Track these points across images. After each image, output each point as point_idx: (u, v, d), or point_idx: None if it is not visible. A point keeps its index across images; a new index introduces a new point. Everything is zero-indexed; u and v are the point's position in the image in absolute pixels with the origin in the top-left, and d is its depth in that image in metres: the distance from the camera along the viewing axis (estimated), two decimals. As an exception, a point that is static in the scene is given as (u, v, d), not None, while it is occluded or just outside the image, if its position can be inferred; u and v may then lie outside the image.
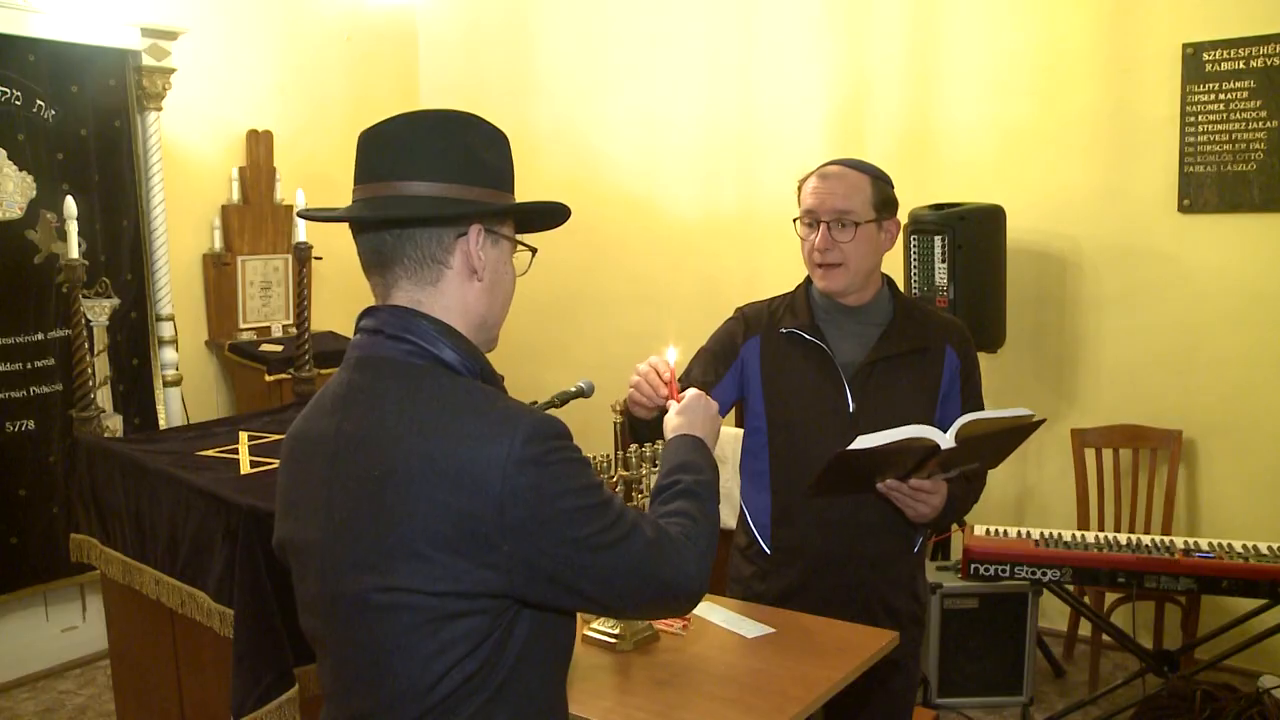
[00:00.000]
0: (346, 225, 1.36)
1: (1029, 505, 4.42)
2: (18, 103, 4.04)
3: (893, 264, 2.82)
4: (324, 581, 1.30)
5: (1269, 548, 3.07)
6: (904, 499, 2.07)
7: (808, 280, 2.31)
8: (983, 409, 2.20)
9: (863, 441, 1.90)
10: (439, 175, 1.32)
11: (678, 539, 1.35)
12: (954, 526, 3.71)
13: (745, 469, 2.34)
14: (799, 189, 2.25)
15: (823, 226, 2.16)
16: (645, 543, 1.29)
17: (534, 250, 1.44)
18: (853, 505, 2.16)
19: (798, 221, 2.23)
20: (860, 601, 2.21)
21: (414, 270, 1.32)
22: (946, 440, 1.94)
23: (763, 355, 2.26)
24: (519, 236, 1.42)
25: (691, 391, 1.72)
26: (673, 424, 1.66)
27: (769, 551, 2.26)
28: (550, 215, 1.44)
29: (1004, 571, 3.13)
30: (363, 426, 1.28)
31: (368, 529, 1.24)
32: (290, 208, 5.22)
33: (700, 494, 1.47)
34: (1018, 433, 2.09)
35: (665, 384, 1.88)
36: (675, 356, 1.91)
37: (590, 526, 1.24)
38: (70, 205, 3.52)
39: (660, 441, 1.99)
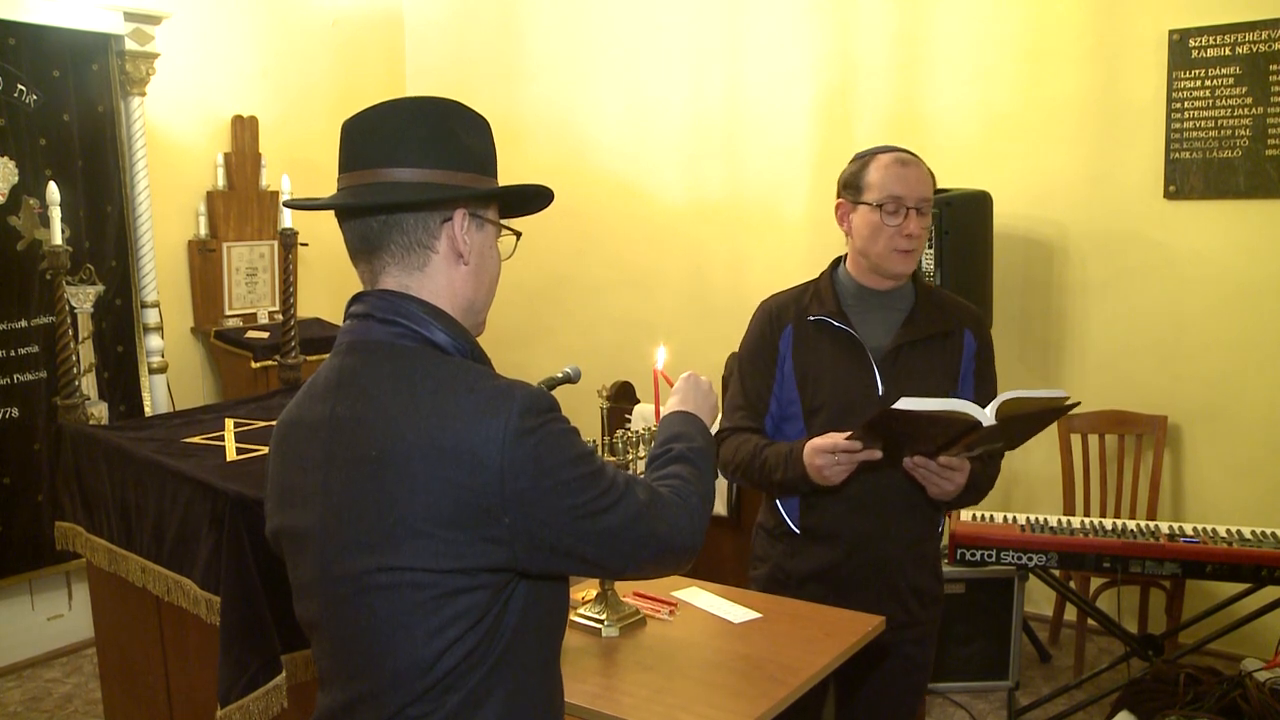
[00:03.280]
0: (332, 212, 1.37)
1: (1015, 490, 4.44)
2: (-1, 87, 4.02)
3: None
4: (323, 565, 1.30)
5: (1253, 532, 3.09)
6: (931, 476, 2.10)
7: (832, 267, 2.35)
8: (996, 389, 2.25)
9: (907, 403, 1.91)
10: (423, 161, 1.33)
11: (669, 498, 1.39)
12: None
13: None
14: (860, 172, 2.26)
15: (913, 213, 2.21)
16: (639, 504, 1.33)
17: (518, 234, 1.45)
18: (882, 485, 2.20)
19: (870, 206, 2.22)
20: (887, 580, 2.25)
21: (401, 256, 1.33)
22: (987, 418, 1.96)
23: (795, 343, 2.30)
24: (504, 221, 1.43)
25: (685, 374, 1.75)
26: (668, 405, 1.69)
27: (798, 531, 2.29)
28: (534, 198, 1.46)
29: (990, 556, 3.14)
30: (357, 409, 1.28)
31: (367, 510, 1.25)
32: (276, 193, 5.19)
33: (691, 458, 1.51)
34: (1048, 415, 2.13)
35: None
36: (665, 356, 1.93)
37: (587, 493, 1.27)
38: (53, 191, 3.49)
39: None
